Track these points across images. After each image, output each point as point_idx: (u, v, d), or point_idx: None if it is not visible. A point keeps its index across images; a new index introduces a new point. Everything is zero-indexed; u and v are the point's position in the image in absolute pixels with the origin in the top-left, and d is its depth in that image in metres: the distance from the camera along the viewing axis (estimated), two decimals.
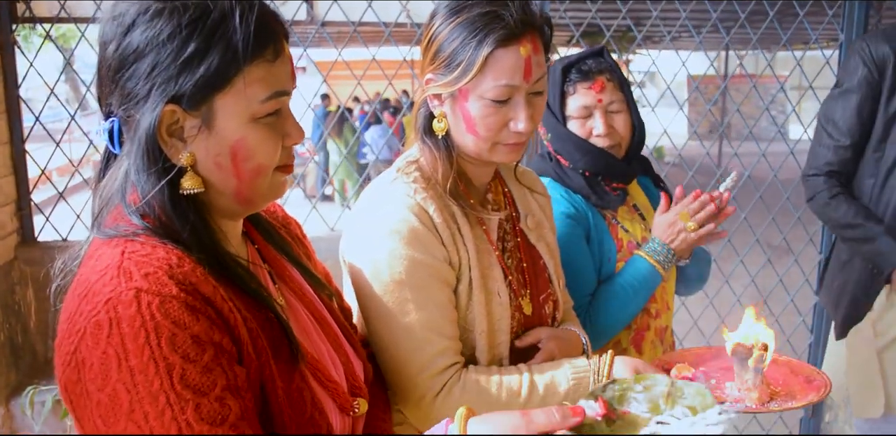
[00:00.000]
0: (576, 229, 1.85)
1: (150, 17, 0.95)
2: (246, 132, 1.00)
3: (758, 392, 1.23)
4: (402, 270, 1.33)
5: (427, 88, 1.40)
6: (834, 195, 2.41)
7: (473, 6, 1.32)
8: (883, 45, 2.32)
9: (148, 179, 0.97)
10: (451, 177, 1.42)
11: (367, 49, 3.07)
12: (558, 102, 1.88)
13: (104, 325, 0.87)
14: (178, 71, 0.95)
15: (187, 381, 0.87)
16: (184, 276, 0.93)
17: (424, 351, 1.34)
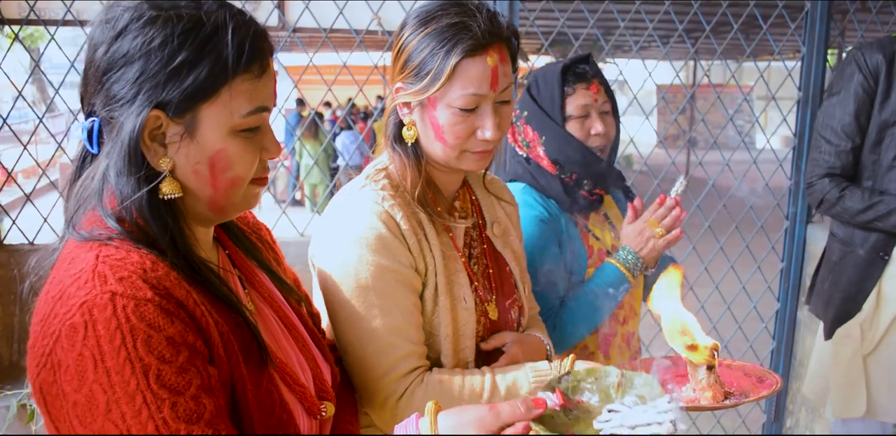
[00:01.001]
0: (548, 234, 1.88)
1: (142, 24, 0.97)
2: (226, 144, 1.02)
3: (712, 391, 1.27)
4: (369, 275, 1.36)
5: (396, 97, 1.42)
6: (843, 188, 2.49)
7: (442, 17, 1.35)
8: (876, 54, 2.43)
9: (127, 182, 0.99)
10: (420, 184, 1.44)
11: (338, 56, 3.09)
12: (558, 104, 1.91)
13: (79, 327, 0.89)
14: (167, 78, 0.97)
15: (163, 381, 0.89)
16: (158, 280, 0.94)
17: (389, 355, 1.36)
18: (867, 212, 2.44)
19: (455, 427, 1.01)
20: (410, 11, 1.42)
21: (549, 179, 1.94)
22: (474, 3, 1.38)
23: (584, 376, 1.14)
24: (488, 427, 0.99)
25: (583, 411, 1.09)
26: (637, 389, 1.12)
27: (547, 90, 1.92)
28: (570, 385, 1.13)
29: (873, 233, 2.49)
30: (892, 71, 2.42)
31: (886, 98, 2.42)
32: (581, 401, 1.11)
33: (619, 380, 1.13)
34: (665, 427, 1.00)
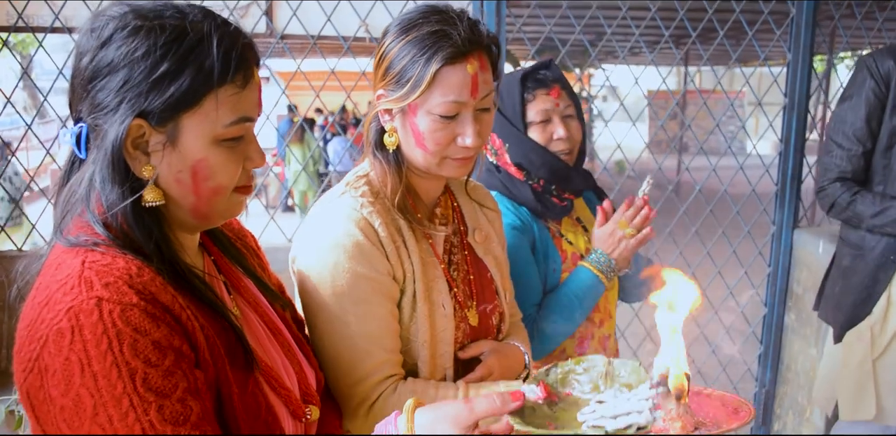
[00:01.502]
0: (522, 241, 1.89)
1: (127, 34, 0.98)
2: (208, 153, 1.03)
3: (681, 421, 1.28)
4: (345, 283, 1.37)
5: (378, 104, 1.43)
6: (855, 193, 2.51)
7: (423, 25, 1.36)
8: (888, 61, 2.46)
9: (112, 189, 1.00)
10: (400, 191, 1.45)
11: (325, 61, 3.10)
12: (519, 111, 1.93)
13: (66, 332, 0.90)
14: (149, 88, 0.98)
15: (150, 384, 0.90)
16: (143, 285, 0.95)
17: (364, 363, 1.37)
18: (878, 216, 2.46)
19: (431, 422, 1.02)
20: (393, 19, 1.44)
21: (520, 186, 1.96)
22: (455, 12, 1.39)
23: (573, 367, 1.15)
24: (463, 422, 1.01)
25: (569, 403, 1.11)
26: (623, 377, 1.14)
27: (508, 98, 1.94)
28: (559, 377, 1.15)
29: (884, 237, 2.50)
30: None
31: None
32: (570, 393, 1.13)
33: (607, 369, 1.14)
34: (644, 416, 1.02)
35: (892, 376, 2.53)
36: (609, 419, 1.02)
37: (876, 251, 2.53)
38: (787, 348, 3.55)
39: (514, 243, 1.88)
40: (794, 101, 3.35)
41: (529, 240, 1.93)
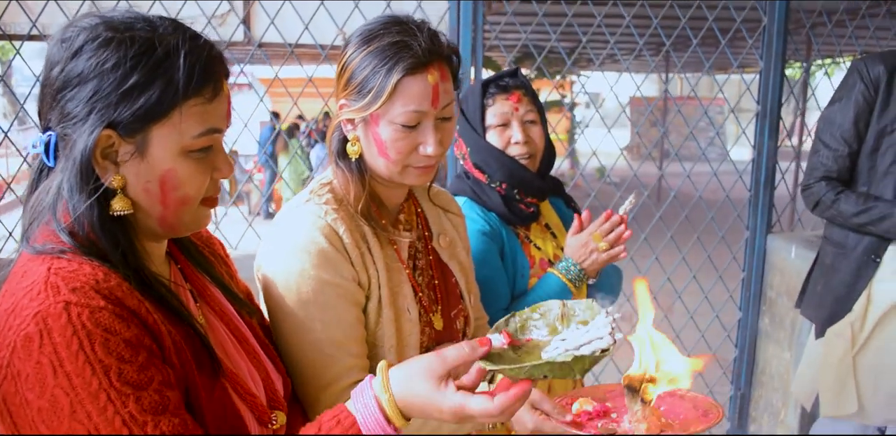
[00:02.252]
0: (490, 246, 1.92)
1: (97, 46, 0.99)
2: (176, 164, 1.04)
3: (647, 423, 1.30)
4: (310, 290, 1.38)
5: (341, 113, 1.45)
6: (839, 192, 2.57)
7: (384, 35, 1.38)
8: (879, 66, 2.52)
9: (80, 197, 1.01)
10: (363, 198, 1.47)
11: (304, 69, 3.13)
12: (479, 115, 1.97)
13: (34, 337, 0.91)
14: (118, 99, 0.99)
15: (125, 378, 0.92)
16: (110, 290, 0.97)
17: (330, 368, 1.39)
18: (861, 215, 2.52)
19: (405, 378, 1.05)
20: (354, 30, 1.46)
21: (488, 192, 1.99)
22: (416, 23, 1.41)
23: (530, 314, 1.18)
24: (436, 372, 1.04)
25: (532, 347, 1.14)
26: (579, 315, 1.17)
27: (471, 103, 1.99)
28: (518, 326, 1.17)
29: (866, 236, 2.56)
30: (892, 82, 2.51)
31: (885, 108, 2.51)
32: (530, 339, 1.16)
33: (562, 311, 1.17)
34: (606, 341, 1.06)
35: (871, 373, 2.58)
36: (573, 351, 1.06)
37: (858, 250, 2.58)
38: (762, 352, 3.60)
39: (483, 248, 1.90)
40: (766, 108, 3.40)
41: (498, 245, 1.95)
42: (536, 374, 1.05)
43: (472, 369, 1.07)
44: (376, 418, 1.04)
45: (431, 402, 1.04)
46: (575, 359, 1.04)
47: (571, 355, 1.04)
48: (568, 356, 1.04)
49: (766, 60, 3.38)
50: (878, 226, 2.49)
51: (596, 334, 1.08)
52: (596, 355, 1.05)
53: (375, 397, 1.06)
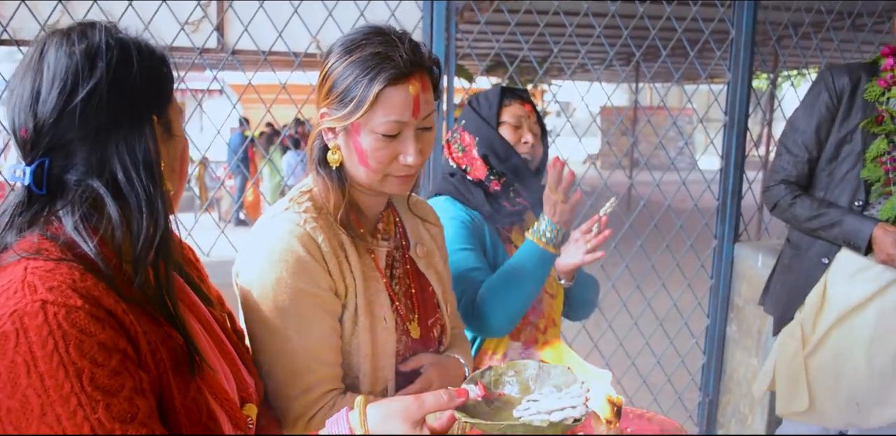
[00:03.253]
0: (470, 236, 1.98)
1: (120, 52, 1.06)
2: (183, 139, 1.17)
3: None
4: (287, 298, 1.39)
5: (322, 122, 1.46)
6: (796, 196, 2.66)
7: (366, 46, 1.40)
8: (844, 77, 2.60)
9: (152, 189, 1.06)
10: (343, 207, 1.49)
11: (276, 76, 3.13)
12: (495, 112, 2.07)
13: (10, 335, 0.91)
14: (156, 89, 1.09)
15: (97, 383, 0.92)
16: (87, 290, 0.97)
17: (304, 377, 1.40)
18: (813, 221, 2.60)
19: (383, 417, 1.07)
20: (336, 39, 1.47)
21: (474, 191, 2.04)
22: (397, 33, 1.43)
23: (505, 370, 1.22)
24: (413, 416, 1.07)
25: (504, 403, 1.17)
26: (553, 378, 1.20)
27: (487, 101, 2.09)
28: (493, 379, 1.21)
29: (818, 239, 2.64)
30: (855, 93, 2.58)
31: (846, 118, 2.58)
32: (503, 393, 1.19)
33: (537, 372, 1.21)
34: (579, 410, 1.09)
35: (822, 375, 2.64)
36: (544, 414, 1.09)
37: (811, 251, 2.66)
38: (729, 359, 3.65)
39: (462, 233, 1.97)
40: (734, 118, 3.45)
41: (479, 239, 1.99)
42: (510, 433, 1.08)
43: (443, 416, 1.11)
44: None
45: None
46: (550, 425, 1.07)
47: (547, 421, 1.07)
48: (544, 421, 1.07)
49: (734, 72, 3.44)
50: (828, 232, 2.58)
51: (570, 402, 1.11)
52: (568, 424, 1.08)
53: (351, 431, 1.08)
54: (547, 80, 12.48)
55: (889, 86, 2.54)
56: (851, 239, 2.52)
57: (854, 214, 2.53)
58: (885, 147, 2.51)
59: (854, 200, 2.56)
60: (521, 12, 3.33)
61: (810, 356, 2.65)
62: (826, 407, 2.64)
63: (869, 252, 2.52)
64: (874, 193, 2.54)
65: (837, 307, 2.60)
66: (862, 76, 2.59)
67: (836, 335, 2.62)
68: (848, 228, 2.52)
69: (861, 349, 2.58)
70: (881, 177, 2.52)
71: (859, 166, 2.55)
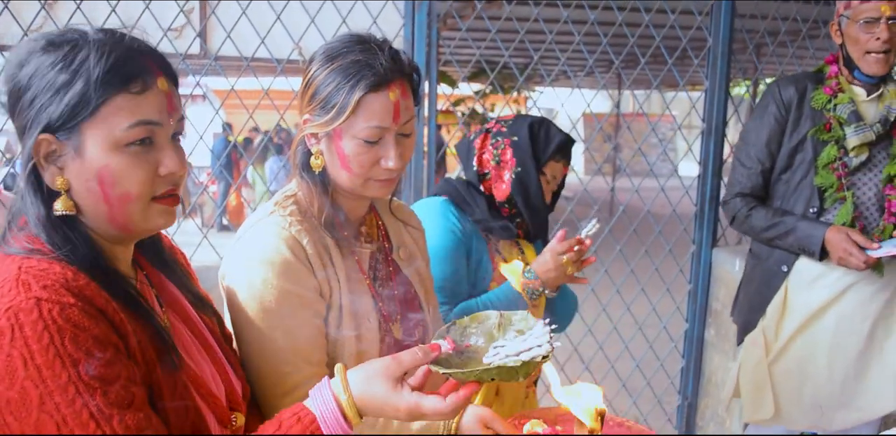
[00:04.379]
0: (457, 244, 2.01)
1: (36, 56, 1.05)
2: (109, 159, 1.06)
3: None
4: (273, 299, 1.42)
5: (305, 128, 1.50)
6: (752, 208, 2.71)
7: (347, 53, 1.44)
8: (790, 88, 2.67)
9: (31, 200, 1.07)
10: (327, 210, 1.52)
11: (259, 82, 3.15)
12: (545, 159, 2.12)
13: (6, 331, 0.94)
14: (49, 102, 1.03)
15: (93, 372, 0.96)
16: (79, 289, 1.01)
17: (290, 376, 1.42)
18: (769, 230, 2.65)
19: (364, 379, 1.12)
20: (319, 48, 1.51)
21: (478, 200, 2.09)
22: (378, 42, 1.47)
23: (469, 323, 1.27)
24: (393, 374, 1.12)
25: (473, 353, 1.23)
26: (515, 324, 1.26)
27: (542, 145, 2.11)
28: (458, 333, 1.26)
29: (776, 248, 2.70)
30: (802, 103, 2.65)
31: (796, 128, 2.64)
32: (469, 345, 1.24)
33: (499, 320, 1.27)
34: (544, 348, 1.14)
35: (787, 380, 2.70)
36: (513, 357, 1.15)
37: (770, 260, 2.73)
38: (708, 362, 3.69)
39: (449, 245, 2.00)
40: (711, 125, 3.51)
41: (466, 245, 2.03)
42: (485, 377, 1.13)
43: (418, 372, 1.16)
44: (335, 417, 1.10)
45: (389, 402, 1.11)
46: (522, 364, 1.12)
47: (519, 361, 1.13)
48: (516, 362, 1.13)
49: (711, 79, 3.49)
50: (784, 240, 2.63)
51: (534, 342, 1.17)
52: (537, 361, 1.14)
53: (335, 397, 1.12)
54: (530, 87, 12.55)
55: (834, 93, 2.61)
56: (805, 245, 2.57)
57: (807, 221, 2.58)
58: (836, 153, 2.58)
59: (809, 206, 2.62)
60: (502, 20, 3.37)
61: (774, 363, 2.71)
62: (791, 411, 2.70)
63: (824, 257, 2.57)
64: (828, 199, 2.60)
65: (799, 314, 2.66)
66: (808, 85, 2.66)
67: (799, 342, 2.68)
68: (801, 234, 2.58)
69: (822, 354, 2.65)
70: (834, 183, 2.59)
71: (812, 174, 2.61)
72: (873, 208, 2.61)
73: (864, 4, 2.49)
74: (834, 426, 2.70)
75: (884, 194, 2.59)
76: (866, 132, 2.56)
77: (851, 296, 2.61)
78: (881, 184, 2.60)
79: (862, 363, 2.65)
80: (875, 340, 2.65)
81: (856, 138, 2.56)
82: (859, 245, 2.46)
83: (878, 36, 2.47)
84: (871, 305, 2.62)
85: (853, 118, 2.57)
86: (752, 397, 2.76)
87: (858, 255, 2.45)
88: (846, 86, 2.63)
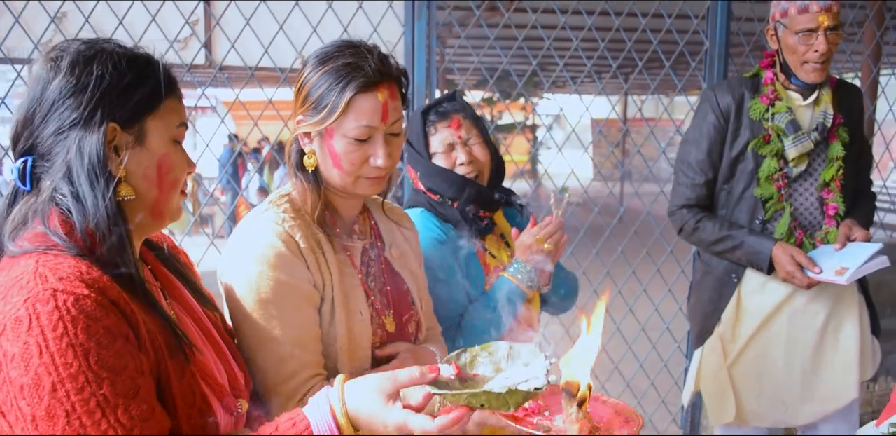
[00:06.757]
0: (446, 255, 2.04)
1: (88, 58, 1.15)
2: (169, 149, 1.22)
3: (578, 425, 1.40)
4: (269, 290, 1.49)
5: (298, 128, 1.58)
6: (699, 220, 2.71)
7: (338, 57, 1.52)
8: (727, 96, 2.66)
9: (94, 189, 1.13)
10: (319, 207, 1.59)
11: (264, 92, 3.22)
12: (423, 143, 2.10)
13: (24, 320, 1.02)
14: (117, 97, 1.15)
15: (102, 362, 1.03)
16: (93, 281, 1.08)
17: (288, 363, 1.49)
18: (717, 244, 2.68)
19: (359, 391, 1.17)
20: (311, 52, 1.58)
21: (445, 205, 2.11)
22: (367, 46, 1.55)
23: (479, 352, 1.31)
24: (387, 390, 1.16)
25: (477, 381, 1.27)
26: (524, 357, 1.29)
27: (414, 132, 2.13)
28: (468, 361, 1.30)
29: None
30: (741, 112, 2.64)
31: (736, 138, 2.65)
32: (477, 374, 1.28)
33: (510, 352, 1.30)
34: (540, 381, 1.19)
35: (747, 380, 2.74)
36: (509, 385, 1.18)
37: (720, 269, 2.76)
38: None
39: (439, 256, 2.01)
40: None
41: (454, 254, 2.06)
42: (474, 402, 1.16)
43: (421, 393, 1.20)
44: (329, 426, 1.16)
45: (378, 415, 1.16)
46: (509, 392, 1.16)
47: (507, 388, 1.16)
48: (503, 389, 1.16)
49: (709, 82, 3.54)
50: (732, 254, 2.66)
51: (534, 373, 1.22)
52: (529, 392, 1.17)
53: (330, 406, 1.17)
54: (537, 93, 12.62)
55: (772, 102, 2.61)
56: (754, 260, 2.61)
57: (754, 235, 2.60)
58: (776, 165, 2.60)
59: (753, 217, 2.64)
60: (500, 27, 3.43)
61: (733, 366, 2.75)
62: (756, 410, 2.74)
63: (772, 271, 2.60)
64: (769, 209, 2.62)
65: (754, 317, 2.70)
66: (745, 93, 2.65)
67: (756, 342, 2.72)
68: (749, 250, 2.60)
69: (780, 351, 2.69)
70: (774, 194, 2.61)
71: (754, 184, 2.62)
72: (816, 213, 2.66)
73: (801, 15, 2.47)
74: (799, 420, 2.74)
75: (822, 199, 2.63)
76: (805, 142, 2.58)
77: (802, 294, 2.65)
78: (818, 189, 2.64)
79: (818, 357, 2.69)
80: (828, 333, 2.69)
81: (794, 150, 2.59)
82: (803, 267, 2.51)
83: (816, 48, 2.46)
84: (821, 299, 2.66)
85: (791, 128, 2.58)
86: (715, 401, 2.80)
87: (801, 278, 2.51)
88: (782, 92, 2.63)
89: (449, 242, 2.06)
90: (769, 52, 2.68)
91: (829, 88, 2.65)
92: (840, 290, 2.65)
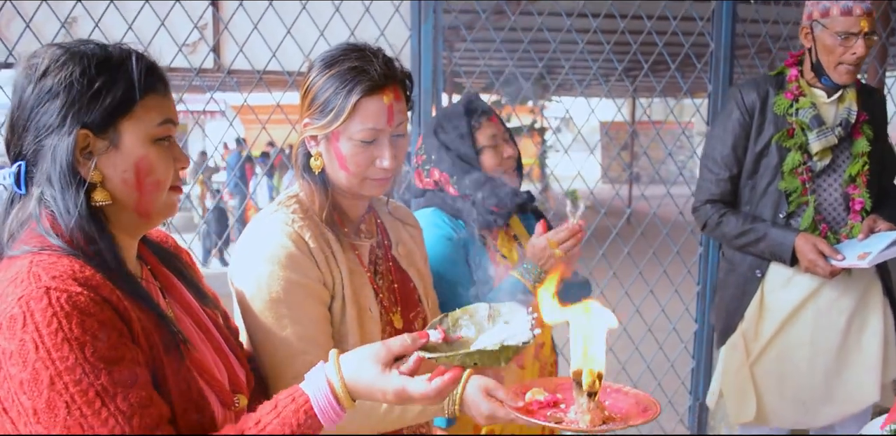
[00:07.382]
0: (455, 251, 2.07)
1: (62, 63, 1.15)
2: (146, 150, 1.19)
3: (591, 415, 1.40)
4: (280, 289, 1.52)
5: (304, 131, 1.61)
6: (722, 214, 2.75)
7: (344, 61, 1.55)
8: (752, 93, 2.71)
9: (68, 194, 1.15)
10: (327, 208, 1.62)
11: (272, 96, 3.25)
12: (468, 139, 2.13)
13: (18, 318, 1.04)
14: (88, 102, 1.14)
15: (98, 354, 1.05)
16: (86, 279, 1.10)
17: (300, 359, 1.51)
18: (740, 238, 2.70)
19: (356, 363, 1.20)
20: (317, 55, 1.60)
21: (459, 203, 2.13)
22: (372, 50, 1.58)
23: (461, 315, 1.34)
24: (382, 358, 1.20)
25: (462, 343, 1.30)
26: (504, 315, 1.32)
27: (454, 129, 2.13)
28: (450, 325, 1.33)
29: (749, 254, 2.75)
30: (765, 108, 2.68)
31: (760, 133, 2.68)
32: (461, 337, 1.31)
33: (490, 312, 1.33)
34: (526, 335, 1.22)
35: (768, 380, 2.75)
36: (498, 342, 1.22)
37: (743, 266, 2.78)
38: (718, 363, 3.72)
39: (448, 253, 2.05)
40: None
41: (464, 251, 2.09)
42: (468, 361, 1.20)
43: (411, 359, 1.23)
44: (328, 398, 1.19)
45: (377, 384, 1.19)
46: (501, 348, 1.20)
47: (499, 345, 1.20)
48: (496, 346, 1.20)
49: (714, 84, 3.55)
50: (756, 247, 2.68)
51: (517, 329, 1.25)
52: (518, 346, 1.21)
53: (328, 380, 1.20)
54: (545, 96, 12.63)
55: (795, 97, 2.65)
56: (777, 252, 2.63)
57: (777, 228, 2.63)
58: (801, 158, 2.63)
59: (777, 211, 2.67)
60: (506, 30, 3.45)
61: (755, 364, 2.76)
62: (776, 410, 2.75)
63: (795, 263, 2.62)
64: (793, 203, 2.65)
65: (777, 315, 2.71)
66: (769, 90, 2.69)
67: (779, 341, 2.73)
68: (772, 242, 2.62)
69: (802, 351, 2.70)
70: (798, 187, 2.64)
71: (778, 179, 2.65)
72: (840, 208, 2.68)
73: (843, 18, 2.49)
74: (819, 421, 2.74)
75: (847, 194, 2.65)
76: (829, 136, 2.61)
77: (826, 292, 2.66)
78: (844, 185, 2.66)
79: (841, 357, 2.70)
80: (852, 333, 2.70)
81: (818, 143, 2.62)
82: (826, 255, 2.52)
83: (854, 51, 2.49)
84: (845, 299, 2.67)
85: (815, 123, 2.61)
86: (736, 399, 2.81)
87: (824, 266, 2.52)
88: (806, 89, 2.67)
89: (458, 240, 2.09)
90: (793, 52, 2.73)
91: (853, 89, 2.68)
92: (863, 290, 2.67)
